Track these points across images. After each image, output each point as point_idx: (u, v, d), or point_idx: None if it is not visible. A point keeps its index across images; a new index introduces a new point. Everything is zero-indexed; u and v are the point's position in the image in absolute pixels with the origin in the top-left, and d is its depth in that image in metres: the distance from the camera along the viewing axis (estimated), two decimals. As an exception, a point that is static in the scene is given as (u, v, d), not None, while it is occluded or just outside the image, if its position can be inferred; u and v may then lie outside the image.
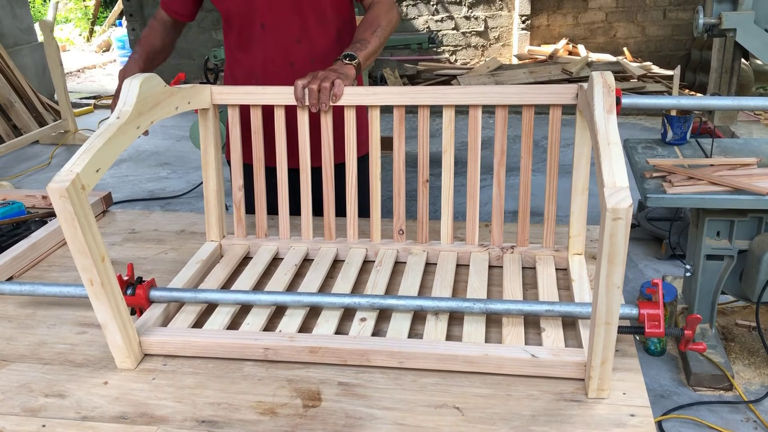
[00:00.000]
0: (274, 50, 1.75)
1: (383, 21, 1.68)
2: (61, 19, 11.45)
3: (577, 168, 1.33)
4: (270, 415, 1.03)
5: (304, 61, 1.75)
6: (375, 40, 1.63)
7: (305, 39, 1.74)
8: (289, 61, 1.75)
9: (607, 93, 1.03)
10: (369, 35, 1.63)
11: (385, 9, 1.71)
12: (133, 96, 1.15)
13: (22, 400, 1.08)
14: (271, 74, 1.76)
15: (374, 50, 1.63)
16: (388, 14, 1.71)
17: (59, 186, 0.95)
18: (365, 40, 1.61)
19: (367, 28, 1.66)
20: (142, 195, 4.57)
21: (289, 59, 1.75)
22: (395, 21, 1.72)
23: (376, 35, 1.64)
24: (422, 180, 1.45)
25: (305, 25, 1.73)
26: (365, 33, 1.64)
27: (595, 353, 0.98)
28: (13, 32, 6.51)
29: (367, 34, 1.64)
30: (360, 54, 1.57)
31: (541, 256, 1.43)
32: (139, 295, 1.24)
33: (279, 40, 1.74)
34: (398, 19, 1.74)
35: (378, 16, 1.69)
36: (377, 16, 1.69)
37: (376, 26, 1.66)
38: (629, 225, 0.86)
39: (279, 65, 1.76)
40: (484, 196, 1.42)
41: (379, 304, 1.22)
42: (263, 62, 1.77)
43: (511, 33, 7.58)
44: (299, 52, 1.75)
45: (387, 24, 1.68)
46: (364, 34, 1.64)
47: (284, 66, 1.75)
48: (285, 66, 1.75)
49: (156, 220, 1.79)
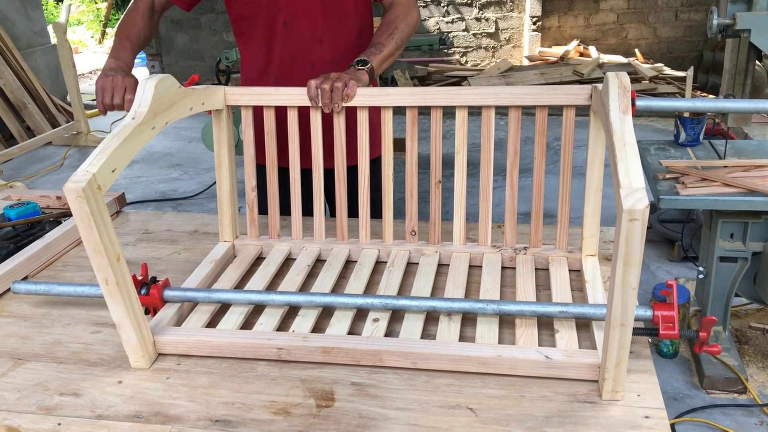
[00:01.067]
0: (296, 49, 1.74)
1: (401, 23, 1.67)
2: (74, 22, 11.54)
3: (590, 169, 1.32)
4: (283, 415, 1.03)
5: (325, 61, 1.75)
6: (391, 43, 1.63)
7: (327, 39, 1.74)
8: (310, 61, 1.75)
9: (622, 94, 1.02)
10: (385, 38, 1.63)
11: (404, 10, 1.70)
12: (148, 97, 1.15)
13: (37, 398, 1.09)
14: (291, 73, 1.76)
15: (390, 53, 1.62)
16: (408, 16, 1.70)
17: (76, 186, 0.96)
18: (381, 44, 1.61)
19: (384, 30, 1.65)
20: (154, 196, 4.60)
21: (310, 59, 1.74)
22: (414, 22, 1.71)
23: (392, 38, 1.63)
24: (434, 181, 1.45)
25: (329, 25, 1.73)
26: (382, 36, 1.64)
27: (610, 355, 0.98)
28: (27, 34, 6.57)
29: (383, 37, 1.63)
30: (374, 59, 1.56)
31: (554, 257, 1.42)
32: (153, 294, 1.25)
33: (302, 40, 1.73)
34: (417, 20, 1.73)
35: (396, 17, 1.69)
36: (395, 18, 1.68)
37: (393, 29, 1.65)
38: (645, 226, 0.85)
39: (300, 64, 1.75)
40: (495, 198, 1.41)
41: (392, 305, 1.22)
42: (283, 61, 1.76)
43: (522, 34, 7.57)
44: (321, 51, 1.75)
45: (405, 26, 1.67)
46: (381, 37, 1.64)
47: (305, 65, 1.75)
48: (306, 65, 1.75)
49: (169, 220, 1.80)
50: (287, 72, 1.76)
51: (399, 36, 1.65)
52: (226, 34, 7.76)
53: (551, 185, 1.38)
